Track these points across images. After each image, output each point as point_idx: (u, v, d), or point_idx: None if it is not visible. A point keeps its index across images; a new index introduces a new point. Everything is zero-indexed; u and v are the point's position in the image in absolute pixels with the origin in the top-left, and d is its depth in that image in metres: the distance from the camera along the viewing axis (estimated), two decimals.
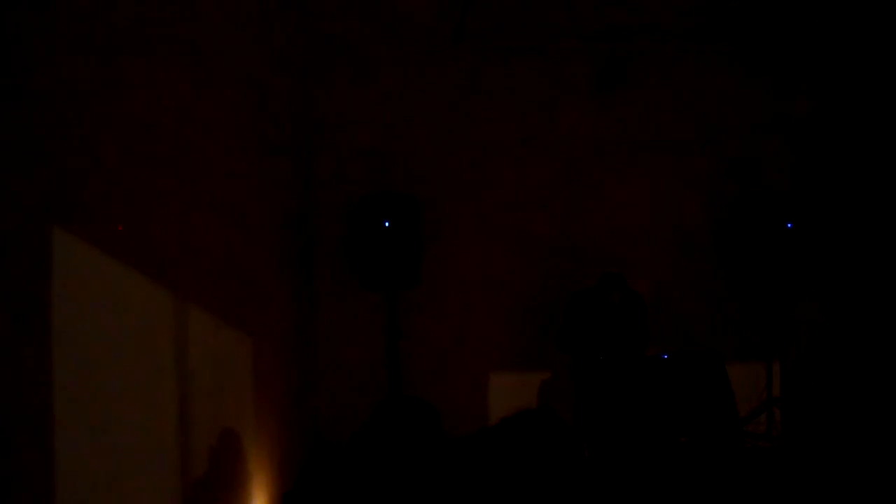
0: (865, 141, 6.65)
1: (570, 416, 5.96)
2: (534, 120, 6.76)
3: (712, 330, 6.72)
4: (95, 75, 2.35)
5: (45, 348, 2.02)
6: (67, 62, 2.18)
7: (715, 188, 6.86)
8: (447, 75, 6.71)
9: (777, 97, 6.92)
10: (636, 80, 6.79)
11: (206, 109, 3.50)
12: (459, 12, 6.18)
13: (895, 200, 6.35)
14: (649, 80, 6.82)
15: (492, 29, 6.52)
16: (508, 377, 6.66)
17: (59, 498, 2.06)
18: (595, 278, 6.15)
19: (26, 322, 1.96)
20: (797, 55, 6.89)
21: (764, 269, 6.50)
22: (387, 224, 6.05)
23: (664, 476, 5.13)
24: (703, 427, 5.61)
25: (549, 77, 6.77)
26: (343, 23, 6.47)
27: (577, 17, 6.37)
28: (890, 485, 4.93)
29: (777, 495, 4.97)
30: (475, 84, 6.72)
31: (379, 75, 6.65)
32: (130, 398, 2.58)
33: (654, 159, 6.82)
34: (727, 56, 6.85)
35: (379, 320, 6.46)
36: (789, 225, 6.40)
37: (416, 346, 6.54)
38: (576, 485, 1.78)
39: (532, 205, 6.75)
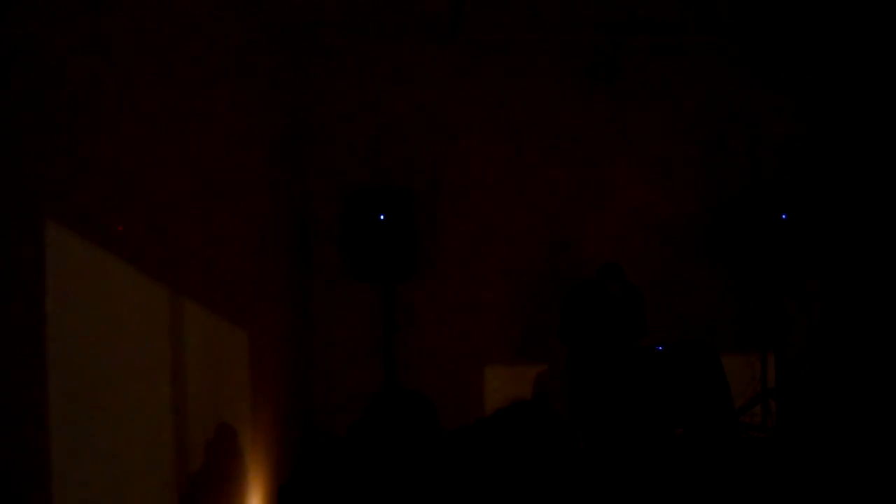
0: (862, 133, 6.66)
1: (566, 407, 5.98)
2: (530, 112, 6.76)
3: (707, 321, 6.74)
4: (94, 68, 2.35)
5: (39, 343, 2.02)
6: (65, 57, 2.17)
7: (710, 179, 6.87)
8: (443, 67, 6.71)
9: (773, 88, 6.93)
10: (631, 72, 6.79)
11: (203, 101, 3.49)
12: (455, 4, 6.17)
13: (891, 191, 6.36)
14: (644, 73, 6.82)
15: (487, 21, 6.51)
16: (504, 369, 6.68)
17: (55, 492, 2.06)
18: (591, 270, 6.15)
19: (20, 316, 1.96)
20: (794, 46, 6.89)
21: (759, 260, 6.51)
22: (382, 217, 6.05)
23: (659, 467, 5.15)
24: (699, 418, 5.63)
25: (545, 69, 6.77)
26: (338, 13, 6.45)
27: (573, 10, 6.36)
28: (884, 476, 4.95)
29: (772, 486, 4.99)
30: (470, 76, 6.72)
31: (374, 67, 6.65)
32: (126, 393, 2.58)
33: (649, 151, 6.83)
34: (723, 47, 6.85)
35: (375, 313, 6.47)
36: (784, 216, 6.41)
37: (411, 339, 6.56)
38: (571, 476, 1.79)
39: (528, 197, 6.76)
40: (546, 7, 6.26)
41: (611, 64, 6.72)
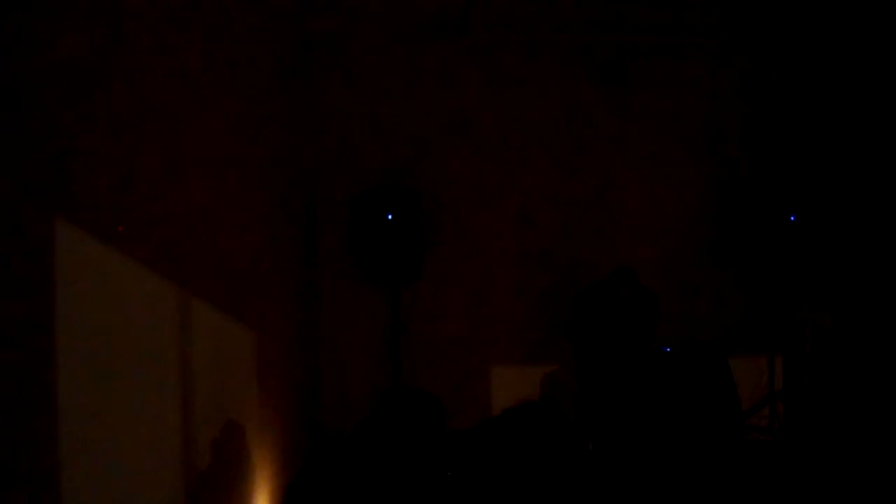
0: (869, 136, 6.64)
1: (572, 408, 5.97)
2: (540, 112, 6.75)
3: (715, 323, 6.72)
4: (101, 68, 2.35)
5: (48, 340, 2.03)
6: (72, 54, 2.18)
7: (718, 181, 6.85)
8: (453, 66, 6.70)
9: (781, 90, 6.91)
10: (640, 74, 6.78)
11: (211, 97, 3.50)
12: (464, 4, 6.17)
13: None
14: (653, 75, 6.80)
15: (496, 21, 6.51)
16: (511, 370, 6.67)
17: (64, 490, 2.07)
18: (599, 272, 6.14)
19: (30, 314, 1.97)
20: (799, 49, 6.88)
21: (767, 262, 6.49)
22: (390, 217, 6.05)
23: (666, 468, 5.13)
24: (706, 420, 5.61)
25: (553, 70, 6.76)
26: (345, 11, 6.46)
27: (583, 11, 6.36)
28: (891, 480, 4.93)
29: (779, 488, 4.97)
30: (479, 76, 6.71)
31: (384, 66, 6.64)
32: (134, 391, 2.59)
33: (658, 153, 6.81)
34: (730, 50, 6.84)
35: (382, 313, 6.47)
36: (792, 218, 6.39)
37: (418, 339, 6.56)
38: (578, 476, 1.79)
39: (536, 199, 6.75)
40: (557, 7, 6.26)
41: (620, 66, 6.70)
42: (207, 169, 3.44)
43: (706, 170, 6.85)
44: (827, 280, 6.82)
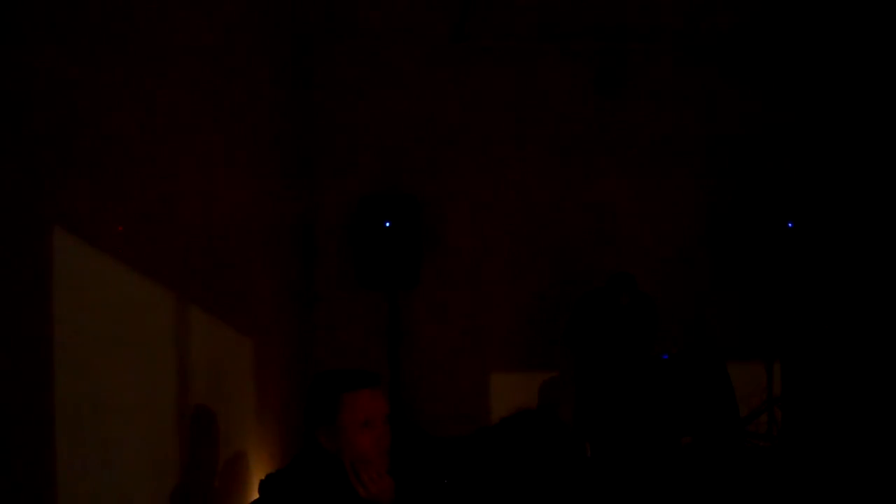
0: (865, 140, 6.65)
1: (571, 415, 5.97)
2: (535, 120, 6.76)
3: (714, 330, 6.72)
4: (96, 77, 2.36)
5: (46, 348, 2.03)
6: (67, 63, 2.18)
7: (715, 187, 6.86)
8: (447, 75, 6.72)
9: (776, 96, 6.92)
10: (634, 80, 6.79)
11: (210, 104, 3.50)
12: (459, 12, 6.19)
13: (893, 195, 6.34)
14: (647, 81, 6.82)
15: (492, 29, 6.52)
16: (509, 377, 6.67)
17: (59, 494, 2.06)
18: (597, 279, 6.15)
19: (27, 322, 1.96)
20: (796, 53, 6.89)
21: (765, 267, 6.50)
22: (387, 224, 6.05)
23: (665, 475, 5.13)
24: (705, 426, 5.61)
25: (550, 78, 6.78)
26: (343, 23, 6.48)
27: (578, 19, 6.37)
28: (890, 485, 4.93)
29: (777, 495, 4.97)
30: (475, 84, 6.73)
31: (379, 75, 6.66)
32: (131, 398, 2.58)
33: (653, 159, 6.82)
34: (725, 56, 6.85)
35: (379, 320, 6.47)
36: (790, 224, 6.39)
37: (416, 345, 6.55)
38: (576, 483, 1.78)
39: (534, 205, 6.76)
40: (551, 15, 6.27)
41: (615, 73, 6.71)
42: (207, 177, 3.44)
43: (704, 176, 6.86)
44: (825, 286, 6.82)
